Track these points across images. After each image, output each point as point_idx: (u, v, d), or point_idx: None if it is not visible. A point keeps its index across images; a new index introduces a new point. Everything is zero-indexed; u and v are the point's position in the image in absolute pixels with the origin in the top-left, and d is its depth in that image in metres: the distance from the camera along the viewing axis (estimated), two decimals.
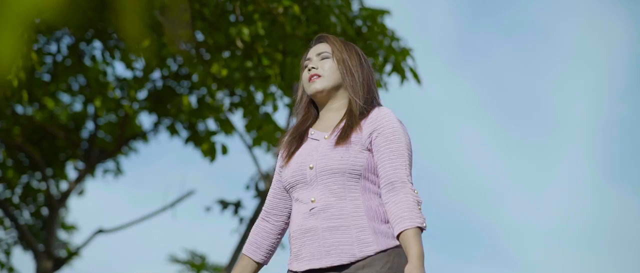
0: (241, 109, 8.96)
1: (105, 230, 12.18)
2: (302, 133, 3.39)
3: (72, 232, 14.02)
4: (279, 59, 7.80)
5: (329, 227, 3.18)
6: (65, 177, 12.59)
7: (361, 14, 8.11)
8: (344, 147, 3.23)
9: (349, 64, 3.38)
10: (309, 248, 3.20)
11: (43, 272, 11.71)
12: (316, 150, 3.28)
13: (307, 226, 3.21)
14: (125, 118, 11.38)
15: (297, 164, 3.29)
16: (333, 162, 3.21)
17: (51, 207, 12.11)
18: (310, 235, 3.20)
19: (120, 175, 12.82)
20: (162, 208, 12.19)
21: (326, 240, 3.17)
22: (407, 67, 8.14)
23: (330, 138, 3.28)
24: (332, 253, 3.16)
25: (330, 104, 3.39)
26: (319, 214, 3.20)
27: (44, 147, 12.31)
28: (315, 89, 3.35)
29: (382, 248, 3.16)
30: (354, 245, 3.15)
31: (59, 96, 11.84)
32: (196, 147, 10.15)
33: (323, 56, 3.40)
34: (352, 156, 3.21)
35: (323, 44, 3.44)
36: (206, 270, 14.15)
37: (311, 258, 3.19)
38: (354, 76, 3.36)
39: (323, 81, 3.35)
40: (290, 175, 3.29)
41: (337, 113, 3.38)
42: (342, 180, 3.20)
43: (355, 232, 3.16)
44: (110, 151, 12.08)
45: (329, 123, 3.36)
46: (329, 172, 3.21)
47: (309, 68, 3.39)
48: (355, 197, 3.20)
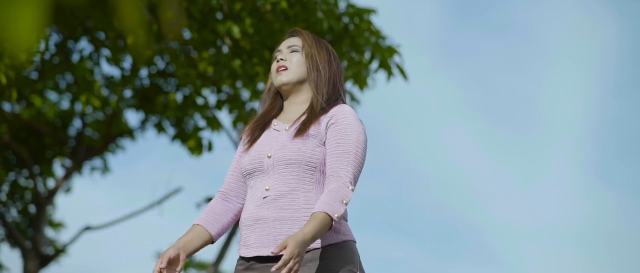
0: (227, 106, 9.00)
1: (93, 227, 12.21)
2: (265, 122, 3.44)
3: (60, 230, 14.03)
4: (267, 56, 7.85)
5: (279, 217, 3.23)
6: (52, 174, 12.61)
7: (348, 11, 8.18)
8: (302, 139, 3.28)
9: (317, 60, 3.43)
10: (258, 235, 3.24)
11: (30, 269, 11.72)
12: (276, 141, 3.33)
13: (258, 214, 3.26)
14: (113, 116, 11.41)
15: (256, 152, 3.33)
16: (290, 153, 3.26)
17: (38, 205, 12.13)
18: (261, 223, 3.25)
19: (107, 172, 12.85)
20: (149, 206, 12.23)
21: (275, 229, 3.22)
22: (393, 64, 8.22)
23: (290, 130, 3.34)
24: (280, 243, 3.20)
25: (294, 97, 3.44)
26: (271, 203, 3.25)
27: (31, 145, 12.33)
28: (280, 81, 3.41)
29: (329, 242, 3.22)
30: None
31: (47, 94, 11.85)
32: (183, 144, 10.19)
33: (292, 49, 3.45)
34: (309, 149, 3.27)
35: (295, 37, 3.50)
36: (193, 268, 14.19)
37: (259, 245, 3.23)
38: (319, 72, 3.42)
39: (288, 74, 3.41)
40: (248, 162, 3.34)
41: (300, 106, 3.43)
42: (297, 172, 3.26)
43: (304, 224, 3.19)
44: (97, 149, 12.10)
45: (291, 115, 3.42)
46: (285, 163, 3.26)
47: (278, 59, 3.45)
48: (308, 189, 3.26)
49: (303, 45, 3.46)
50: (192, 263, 14.20)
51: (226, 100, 8.94)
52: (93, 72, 10.28)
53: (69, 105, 12.00)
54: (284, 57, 3.44)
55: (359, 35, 8.11)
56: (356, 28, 8.12)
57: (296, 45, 3.46)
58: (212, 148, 9.66)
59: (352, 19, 8.16)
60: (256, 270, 3.25)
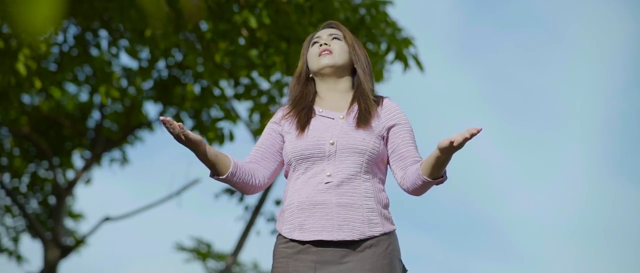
0: (244, 99, 9.03)
1: (112, 218, 12.29)
2: (307, 107, 3.47)
3: (79, 220, 14.13)
4: (283, 47, 7.89)
5: (342, 203, 3.30)
6: (71, 166, 12.70)
7: (364, 2, 8.20)
8: (365, 130, 3.36)
9: (358, 52, 3.52)
10: (319, 220, 3.29)
11: (50, 259, 11.82)
12: (335, 128, 3.38)
13: (318, 199, 3.31)
14: (131, 107, 11.48)
15: (313, 138, 3.37)
16: (356, 142, 3.34)
17: (58, 196, 12.22)
18: (321, 208, 3.30)
19: (126, 164, 12.92)
20: (168, 197, 12.30)
21: (339, 215, 3.29)
22: (409, 55, 8.24)
23: (348, 119, 3.40)
24: (344, 229, 3.28)
25: (335, 84, 3.50)
26: (333, 189, 3.31)
27: (50, 137, 12.42)
28: (324, 64, 3.47)
29: (386, 231, 3.33)
30: (364, 224, 3.29)
31: (66, 86, 11.94)
32: (201, 135, 10.24)
33: (334, 36, 3.53)
34: (372, 141, 3.36)
35: (333, 29, 3.57)
36: (212, 258, 14.26)
37: (321, 230, 3.28)
38: (363, 62, 3.50)
39: (333, 57, 3.47)
40: (304, 147, 3.37)
41: (344, 94, 3.50)
42: (360, 161, 3.34)
43: (366, 211, 3.30)
44: (116, 140, 12.18)
45: (335, 103, 3.47)
46: (349, 151, 3.34)
47: (320, 44, 3.49)
48: (367, 178, 3.35)
49: (344, 35, 3.54)
50: (211, 253, 14.26)
51: (243, 92, 8.98)
52: (111, 64, 10.35)
53: (88, 97, 12.07)
54: (327, 42, 3.50)
55: (375, 26, 8.14)
56: (372, 19, 8.14)
57: (337, 34, 3.54)
58: (234, 138, 9.72)
59: (368, 10, 8.18)
60: (312, 253, 3.28)
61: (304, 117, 3.44)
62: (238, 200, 10.89)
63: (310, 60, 3.52)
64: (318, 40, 3.53)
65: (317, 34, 3.58)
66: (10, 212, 12.64)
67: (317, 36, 3.55)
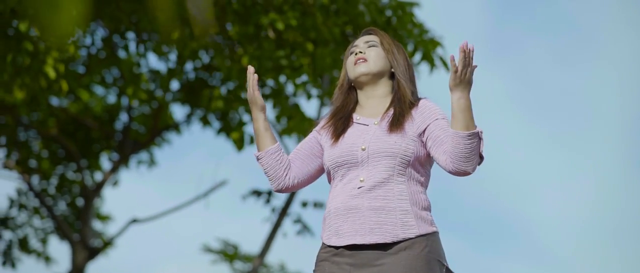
0: (271, 100, 9.04)
1: (139, 219, 12.34)
2: (345, 117, 3.49)
3: (107, 222, 14.20)
4: (310, 49, 7.89)
5: (373, 207, 3.30)
6: (99, 168, 12.76)
7: (391, 4, 8.19)
8: (397, 133, 3.35)
9: (397, 56, 3.51)
10: (352, 225, 3.30)
11: (78, 261, 11.89)
12: (367, 134, 3.39)
13: (351, 204, 3.32)
14: (159, 109, 11.53)
15: (347, 145, 3.39)
16: (387, 146, 3.34)
17: (86, 198, 12.29)
18: (354, 213, 3.31)
19: (153, 166, 12.98)
20: (195, 198, 12.33)
21: (371, 218, 3.29)
22: (436, 57, 8.23)
23: (381, 124, 3.40)
24: (376, 232, 3.28)
25: (373, 91, 3.51)
26: (365, 194, 3.31)
27: (78, 139, 12.49)
28: (360, 72, 3.47)
29: (422, 233, 3.31)
30: (397, 226, 3.28)
31: (93, 88, 12.01)
32: (228, 137, 10.26)
33: (370, 44, 3.53)
34: (404, 143, 3.34)
35: (371, 35, 3.57)
36: (239, 260, 14.27)
37: (354, 234, 3.29)
38: (402, 66, 3.50)
39: (368, 65, 3.47)
40: (338, 154, 3.39)
41: (382, 100, 3.50)
42: (392, 164, 3.33)
43: (399, 214, 3.30)
44: (143, 142, 12.24)
45: (374, 110, 3.48)
46: (381, 155, 3.34)
47: (356, 52, 3.50)
48: (401, 181, 3.33)
49: (381, 41, 3.53)
50: (238, 255, 14.28)
51: (270, 94, 8.99)
52: (139, 66, 10.40)
53: (116, 99, 12.14)
54: (363, 50, 3.50)
55: (402, 28, 8.13)
56: (399, 21, 8.13)
57: (374, 41, 3.53)
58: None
59: (395, 12, 8.18)
60: (347, 256, 3.30)
61: (340, 126, 3.46)
62: (265, 201, 10.91)
63: (348, 70, 3.54)
64: (354, 49, 3.53)
65: (355, 42, 3.59)
66: (39, 214, 12.72)
67: (355, 45, 3.56)
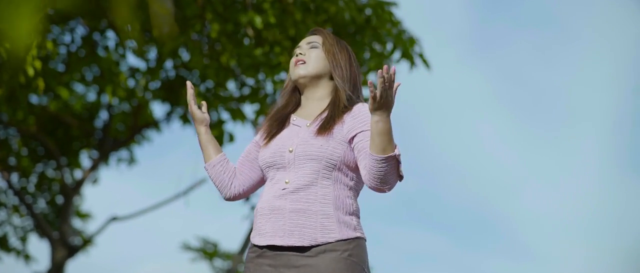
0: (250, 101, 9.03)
1: (119, 217, 12.33)
2: (283, 117, 3.53)
3: (87, 220, 14.18)
4: (289, 46, 7.91)
5: (295, 209, 3.31)
6: (79, 165, 12.74)
7: (370, 2, 8.22)
8: (324, 136, 3.36)
9: (338, 57, 3.51)
10: (273, 225, 3.32)
11: (58, 259, 11.87)
12: (297, 136, 3.41)
13: (275, 205, 3.34)
14: (138, 107, 11.52)
15: (277, 146, 3.42)
16: (312, 149, 3.34)
17: (66, 196, 12.27)
18: (276, 214, 3.32)
19: (133, 164, 12.96)
20: (175, 196, 12.33)
21: (291, 220, 3.30)
22: (415, 54, 8.26)
23: (312, 126, 3.42)
24: (295, 234, 3.29)
25: (312, 92, 3.52)
26: (288, 195, 3.33)
27: (58, 137, 12.47)
28: (298, 74, 3.50)
29: (343, 237, 3.30)
30: (317, 230, 3.28)
31: (73, 86, 11.98)
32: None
33: (312, 45, 3.54)
34: (330, 146, 3.34)
35: (315, 35, 3.58)
36: (218, 258, 14.29)
37: (273, 235, 3.31)
38: (342, 69, 3.50)
39: (306, 67, 3.49)
40: (269, 155, 3.42)
41: (320, 102, 3.51)
42: (317, 167, 3.33)
43: (320, 217, 3.30)
44: (123, 140, 12.23)
45: (310, 111, 3.50)
46: (306, 158, 3.34)
47: (296, 54, 3.53)
48: (326, 185, 3.34)
49: (323, 42, 3.54)
50: (218, 253, 14.30)
51: (249, 94, 9.00)
52: (119, 64, 10.39)
53: (96, 97, 12.12)
54: (303, 52, 3.52)
55: (381, 26, 8.16)
56: (378, 19, 8.16)
57: (316, 42, 3.55)
58: (233, 139, 9.73)
59: (374, 10, 8.20)
60: (268, 257, 3.32)
61: (274, 127, 3.50)
62: (244, 200, 10.93)
63: (290, 71, 3.57)
64: (296, 50, 3.55)
65: (300, 43, 3.61)
66: (18, 212, 12.69)
67: (298, 45, 3.58)
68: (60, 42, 10.17)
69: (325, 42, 3.54)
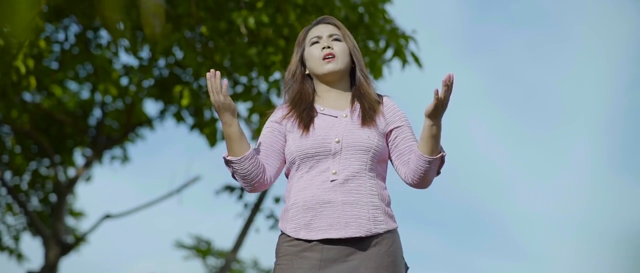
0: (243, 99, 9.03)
1: (112, 215, 12.32)
2: (309, 107, 3.47)
3: (80, 218, 14.17)
4: (282, 45, 7.91)
5: (348, 201, 3.32)
6: (73, 163, 12.73)
7: (363, 1, 8.22)
8: (370, 128, 3.39)
9: (358, 53, 3.53)
10: (326, 218, 3.31)
11: (51, 257, 11.86)
12: (339, 126, 3.39)
13: (325, 197, 3.33)
14: (132, 105, 11.51)
15: (319, 136, 3.37)
16: (361, 140, 3.36)
17: (59, 193, 12.26)
18: (329, 207, 3.32)
19: (127, 162, 12.96)
20: (168, 194, 12.33)
21: (345, 212, 3.31)
22: (408, 53, 8.27)
23: (352, 117, 3.42)
24: (352, 225, 3.30)
25: (336, 85, 3.50)
26: (338, 187, 3.33)
27: (52, 134, 12.46)
28: (329, 70, 3.45)
29: (389, 228, 3.36)
30: (370, 221, 3.32)
31: (67, 84, 11.98)
32: (201, 133, 10.27)
33: (335, 37, 3.51)
34: (376, 138, 3.38)
35: (331, 26, 3.54)
36: (212, 255, 14.29)
37: (328, 228, 3.30)
38: (362, 63, 3.53)
39: (337, 63, 3.46)
40: (310, 145, 3.37)
41: (343, 94, 3.50)
42: (365, 158, 3.36)
43: (371, 209, 3.33)
44: (117, 138, 12.23)
45: (336, 102, 3.48)
46: (355, 148, 3.35)
47: (323, 47, 3.47)
48: (372, 176, 3.37)
49: (344, 36, 3.52)
50: (211, 251, 14.30)
51: (242, 92, 8.99)
52: (112, 62, 10.38)
53: (89, 95, 12.12)
54: (330, 46, 3.48)
55: (374, 24, 8.16)
56: (371, 17, 8.16)
57: (338, 35, 3.51)
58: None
59: (367, 8, 8.20)
60: (318, 251, 3.30)
61: (306, 116, 3.44)
62: (238, 197, 10.91)
63: (311, 61, 3.50)
64: (318, 41, 3.50)
65: (314, 31, 3.54)
66: (11, 210, 12.68)
67: (317, 36, 3.51)
68: (53, 40, 10.17)
69: (345, 34, 3.53)
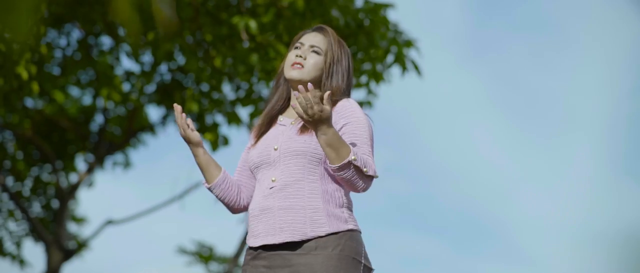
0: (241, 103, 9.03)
1: (114, 221, 12.32)
2: (271, 118, 3.51)
3: (82, 224, 14.17)
4: (283, 51, 7.91)
5: (284, 206, 3.31)
6: (74, 169, 12.73)
7: (364, 7, 8.21)
8: (308, 133, 3.35)
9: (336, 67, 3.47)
10: (265, 225, 3.32)
11: (53, 263, 11.86)
12: (282, 134, 3.41)
13: (264, 204, 3.34)
14: (134, 111, 11.52)
15: (263, 146, 3.41)
16: (296, 145, 3.34)
17: (61, 199, 12.26)
18: (267, 213, 3.33)
19: (129, 167, 12.95)
20: (170, 200, 12.32)
21: (281, 217, 3.30)
22: (408, 60, 8.26)
23: (296, 124, 3.41)
24: (285, 230, 3.29)
25: None
26: (277, 193, 3.33)
27: (54, 140, 12.46)
28: (291, 76, 3.45)
29: (333, 231, 3.29)
30: (306, 225, 3.28)
31: (69, 89, 11.98)
32: (203, 138, 10.26)
33: (314, 49, 3.48)
34: (314, 141, 3.32)
35: (320, 36, 3.52)
36: (214, 261, 14.28)
37: (265, 234, 3.32)
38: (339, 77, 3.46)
39: (302, 73, 3.44)
40: (256, 155, 3.42)
41: None
42: (303, 163, 3.33)
43: (309, 212, 3.29)
44: (119, 144, 12.23)
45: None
46: (291, 154, 3.34)
47: (297, 54, 3.47)
48: (313, 180, 3.33)
49: (326, 50, 3.48)
50: (213, 257, 14.29)
51: (244, 97, 9.00)
52: (114, 68, 10.39)
53: (91, 101, 12.12)
54: (303, 55, 3.46)
55: (375, 30, 8.16)
56: (372, 23, 8.16)
57: (319, 47, 3.48)
58: (228, 143, 9.73)
59: (367, 14, 8.20)
60: (263, 258, 3.32)
61: (263, 128, 3.50)
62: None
63: (285, 63, 3.52)
64: (299, 47, 3.50)
65: (304, 36, 3.55)
66: (13, 216, 12.68)
67: (301, 41, 3.52)
68: (55, 46, 10.18)
69: (328, 49, 3.49)
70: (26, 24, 1.81)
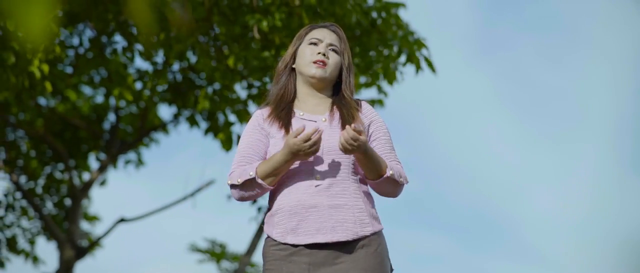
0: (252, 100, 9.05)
1: (127, 219, 12.36)
2: (287, 108, 3.52)
3: (95, 222, 14.21)
4: None
5: (333, 205, 3.33)
6: (87, 168, 12.78)
7: (376, 5, 8.23)
8: None
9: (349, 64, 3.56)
10: (313, 223, 3.33)
11: (66, 261, 11.91)
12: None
13: (310, 202, 3.35)
14: (146, 109, 11.56)
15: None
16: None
17: (74, 198, 12.31)
18: (314, 211, 3.33)
19: (141, 166, 12.99)
20: (183, 198, 12.35)
21: (332, 216, 3.32)
22: (421, 57, 8.27)
23: (331, 122, 3.45)
24: (338, 230, 3.32)
25: (319, 90, 3.55)
26: (324, 191, 3.35)
27: (66, 139, 12.51)
28: (314, 75, 3.50)
29: (375, 230, 3.39)
30: (356, 224, 3.34)
31: (81, 88, 12.04)
32: (215, 138, 10.30)
33: (333, 48, 3.55)
34: None
35: (335, 36, 3.58)
36: (226, 259, 14.31)
37: (315, 233, 3.32)
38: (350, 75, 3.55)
39: (325, 71, 3.51)
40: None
41: (323, 100, 3.55)
42: (347, 162, 3.38)
43: (357, 212, 3.35)
44: (131, 142, 12.27)
45: (315, 107, 3.52)
46: (336, 152, 3.37)
47: (319, 52, 3.51)
48: (355, 179, 3.40)
49: (343, 50, 3.56)
50: (225, 254, 14.33)
51: (256, 94, 9.02)
52: (126, 67, 10.43)
53: (104, 99, 12.17)
54: (326, 54, 3.52)
55: (387, 29, 8.17)
56: (384, 22, 8.18)
57: (336, 46, 3.55)
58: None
59: (379, 13, 8.22)
60: (305, 255, 3.33)
61: (286, 119, 3.48)
62: (251, 201, 10.94)
63: (302, 59, 3.55)
64: (317, 43, 3.54)
65: (317, 32, 3.59)
66: (27, 214, 12.73)
67: (317, 38, 3.56)
68: (68, 45, 10.22)
69: (344, 49, 3.56)
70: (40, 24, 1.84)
